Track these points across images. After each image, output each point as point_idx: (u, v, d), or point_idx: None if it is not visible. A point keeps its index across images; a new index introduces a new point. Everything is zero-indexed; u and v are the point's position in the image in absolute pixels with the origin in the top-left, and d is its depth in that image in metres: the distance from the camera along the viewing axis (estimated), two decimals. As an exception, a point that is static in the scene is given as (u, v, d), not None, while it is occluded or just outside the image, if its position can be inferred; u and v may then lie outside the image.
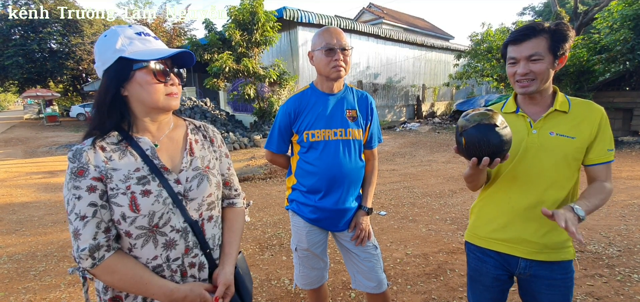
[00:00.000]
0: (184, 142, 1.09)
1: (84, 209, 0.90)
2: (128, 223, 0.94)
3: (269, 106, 11.91)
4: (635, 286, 2.63)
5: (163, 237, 0.98)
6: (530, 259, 1.28)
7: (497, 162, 1.10)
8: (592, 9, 13.55)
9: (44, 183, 6.73)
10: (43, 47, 22.54)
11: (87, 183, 0.91)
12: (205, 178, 1.07)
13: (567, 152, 1.22)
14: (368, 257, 1.74)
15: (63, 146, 11.51)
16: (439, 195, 5.29)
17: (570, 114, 1.24)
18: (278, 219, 4.38)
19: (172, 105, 1.00)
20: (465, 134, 1.11)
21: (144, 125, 1.02)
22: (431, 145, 10.17)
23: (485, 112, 1.11)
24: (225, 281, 1.06)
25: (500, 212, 1.33)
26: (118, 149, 0.97)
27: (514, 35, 1.22)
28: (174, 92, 1.00)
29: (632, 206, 4.49)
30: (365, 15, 26.81)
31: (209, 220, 1.08)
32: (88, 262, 0.90)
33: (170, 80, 0.99)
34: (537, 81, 1.20)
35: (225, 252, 1.13)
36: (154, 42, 0.99)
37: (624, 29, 8.82)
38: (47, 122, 20.06)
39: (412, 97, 17.85)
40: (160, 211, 0.96)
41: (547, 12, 24.52)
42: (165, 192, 0.97)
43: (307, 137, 1.66)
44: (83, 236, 0.89)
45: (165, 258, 0.99)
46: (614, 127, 10.00)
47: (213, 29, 12.25)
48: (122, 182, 0.94)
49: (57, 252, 3.58)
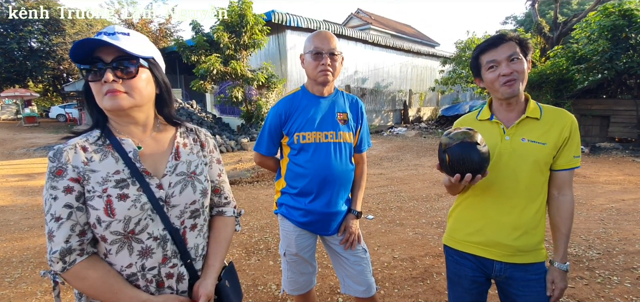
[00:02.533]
0: (170, 145, 1.04)
1: (59, 210, 0.87)
2: (103, 227, 0.89)
3: (256, 109, 11.84)
4: (615, 288, 2.71)
5: (139, 244, 0.93)
6: (504, 262, 1.32)
7: (478, 179, 1.15)
8: (571, 20, 14.06)
9: (21, 186, 6.48)
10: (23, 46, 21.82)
11: (65, 184, 0.88)
12: (190, 184, 1.01)
13: (539, 158, 1.25)
14: (357, 261, 1.74)
15: (41, 148, 11.14)
16: (425, 199, 5.34)
17: (542, 120, 1.29)
18: (265, 223, 4.34)
19: (113, 105, 0.89)
20: (449, 151, 1.16)
21: (124, 127, 0.98)
22: (418, 150, 10.29)
23: (467, 131, 1.16)
24: (206, 293, 1.00)
25: (475, 216, 1.37)
26: (100, 150, 0.94)
27: (490, 41, 1.27)
28: (111, 90, 0.89)
29: (610, 209, 4.64)
30: (353, 21, 27.04)
31: (191, 228, 1.03)
32: (59, 265, 0.87)
33: (104, 78, 0.88)
34: (520, 80, 1.23)
35: (208, 263, 1.07)
36: (104, 39, 0.88)
37: (602, 39, 9.16)
38: (25, 123, 19.38)
39: (399, 102, 18.06)
40: (137, 216, 0.91)
41: (528, 22, 25.24)
42: (145, 197, 0.93)
43: (298, 139, 1.64)
44: (56, 238, 0.86)
45: (140, 267, 0.94)
46: (592, 133, 10.37)
47: (200, 30, 12.13)
48: (100, 184, 0.90)
49: (33, 258, 3.44)
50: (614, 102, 10.05)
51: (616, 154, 8.87)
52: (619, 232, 3.81)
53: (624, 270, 2.97)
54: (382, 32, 23.90)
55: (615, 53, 8.91)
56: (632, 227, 3.98)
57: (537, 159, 1.25)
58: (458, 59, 14.50)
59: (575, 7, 25.00)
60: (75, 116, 20.49)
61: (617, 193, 5.48)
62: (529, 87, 10.39)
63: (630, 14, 8.77)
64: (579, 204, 4.89)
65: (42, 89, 27.21)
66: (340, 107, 1.71)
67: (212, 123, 13.23)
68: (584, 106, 10.33)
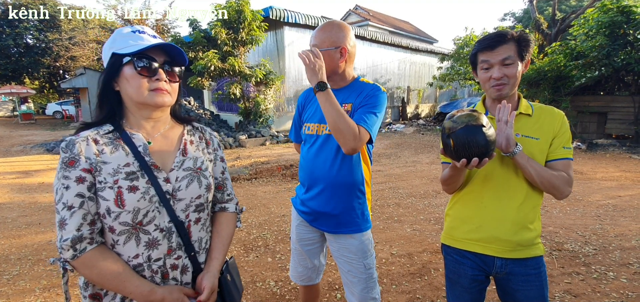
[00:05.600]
0: (178, 142, 1.09)
1: (72, 199, 0.89)
2: (112, 218, 0.93)
3: (254, 106, 11.80)
4: (611, 283, 2.73)
5: (146, 235, 0.97)
6: (505, 258, 1.33)
7: (485, 162, 1.12)
8: (569, 16, 14.05)
9: (18, 184, 6.45)
10: (19, 42, 21.66)
11: (77, 174, 0.91)
12: (196, 179, 1.05)
13: (533, 152, 1.28)
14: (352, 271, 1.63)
15: (38, 145, 11.08)
16: (423, 195, 5.36)
17: (533, 117, 1.33)
18: (263, 220, 4.34)
19: (158, 101, 0.98)
20: (453, 136, 1.10)
21: (138, 122, 1.02)
22: (416, 147, 10.31)
23: (471, 113, 1.11)
24: (209, 285, 1.04)
25: (474, 214, 1.37)
26: (111, 143, 0.97)
27: (488, 42, 1.28)
28: (160, 88, 0.98)
29: (606, 206, 4.67)
30: (351, 17, 26.97)
31: (196, 222, 1.07)
32: (69, 253, 0.89)
33: (157, 76, 0.97)
34: (510, 84, 1.28)
35: (211, 256, 1.11)
36: (148, 38, 0.98)
37: (600, 35, 9.17)
38: (21, 120, 19.29)
39: (397, 99, 18.06)
40: (146, 208, 0.95)
41: (526, 18, 25.28)
42: (153, 189, 0.96)
43: (304, 130, 1.67)
44: (68, 226, 0.89)
45: (147, 258, 0.97)
46: (589, 130, 10.41)
47: (198, 26, 12.05)
48: (111, 176, 0.93)
49: (31, 256, 3.44)
50: (612, 98, 10.08)
51: (613, 151, 8.91)
52: (615, 228, 3.84)
53: (620, 265, 3.00)
54: (381, 29, 23.85)
55: (613, 50, 8.92)
56: (628, 223, 4.00)
57: (532, 153, 1.28)
58: (456, 56, 14.49)
59: (574, 4, 25.03)
60: (72, 113, 20.38)
61: (613, 189, 5.52)
62: (527, 84, 10.41)
63: (628, 10, 8.79)
64: (576, 201, 4.92)
65: (39, 86, 27.04)
66: (347, 98, 1.56)
67: (209, 120, 13.20)
68: (581, 103, 10.36)
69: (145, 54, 0.96)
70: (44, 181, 6.58)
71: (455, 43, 14.89)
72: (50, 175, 7.04)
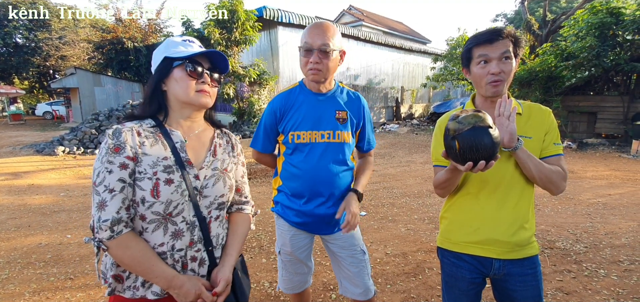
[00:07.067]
0: (210, 143, 1.18)
1: (114, 183, 0.96)
2: (145, 207, 1.00)
3: (248, 106, 11.76)
4: (602, 281, 2.77)
5: (173, 226, 1.04)
6: (503, 259, 1.32)
7: (491, 165, 1.07)
8: (560, 17, 14.24)
9: (7, 186, 6.33)
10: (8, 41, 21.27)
11: (121, 160, 0.97)
12: (221, 179, 1.14)
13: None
14: (355, 262, 1.67)
15: (28, 146, 10.88)
16: (417, 195, 5.38)
17: (524, 115, 1.32)
18: (257, 220, 4.32)
19: (202, 101, 1.09)
20: (459, 138, 1.04)
21: (177, 121, 1.12)
22: (410, 147, 10.36)
23: (476, 114, 1.05)
24: (225, 278, 1.11)
25: (471, 216, 1.35)
26: (151, 137, 1.05)
27: (486, 36, 1.25)
28: (205, 90, 1.09)
29: (597, 204, 4.74)
30: (345, 17, 26.99)
31: (216, 219, 1.15)
32: (107, 233, 0.94)
33: (203, 79, 1.09)
34: (506, 82, 1.25)
35: (227, 252, 1.18)
36: (197, 47, 1.10)
37: (590, 36, 9.31)
38: (11, 121, 18.95)
39: (391, 99, 18.13)
40: (177, 201, 1.03)
41: (518, 19, 25.55)
42: (185, 184, 1.04)
43: (292, 138, 1.57)
44: (109, 207, 0.94)
45: (171, 247, 1.04)
46: (579, 129, 10.57)
47: (191, 26, 11.97)
48: (150, 167, 1.01)
49: (21, 259, 3.37)
50: (601, 98, 10.24)
51: (603, 150, 9.05)
52: (606, 226, 3.90)
53: (610, 263, 3.04)
54: (374, 29, 23.91)
55: (603, 50, 9.06)
56: (618, 221, 4.07)
57: None
58: (449, 56, 14.60)
59: (564, 5, 25.39)
60: (63, 113, 20.08)
61: (603, 188, 5.60)
62: (518, 84, 10.53)
63: (617, 11, 8.94)
64: (567, 199, 4.99)
65: (28, 86, 26.58)
66: (339, 105, 1.60)
67: (203, 120, 13.10)
68: (571, 103, 10.51)
69: (194, 59, 1.07)
70: (34, 182, 6.47)
71: (448, 43, 15.00)
72: (40, 177, 6.93)
